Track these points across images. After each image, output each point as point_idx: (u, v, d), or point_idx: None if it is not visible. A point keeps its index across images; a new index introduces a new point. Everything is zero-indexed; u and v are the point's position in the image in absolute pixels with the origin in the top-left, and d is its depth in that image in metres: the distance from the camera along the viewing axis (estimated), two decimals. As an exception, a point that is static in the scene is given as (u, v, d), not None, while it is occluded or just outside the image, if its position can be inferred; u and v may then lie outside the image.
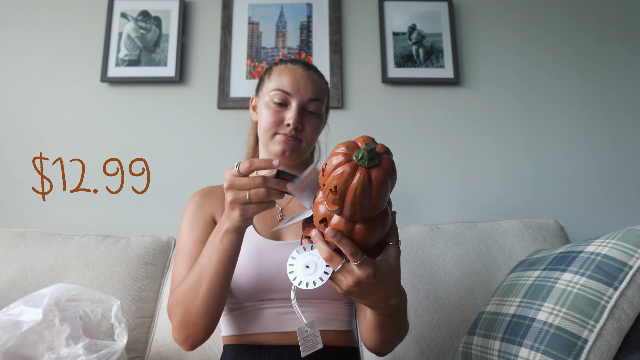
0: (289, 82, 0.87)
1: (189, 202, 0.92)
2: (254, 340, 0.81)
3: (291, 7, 1.71)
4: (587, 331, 0.73)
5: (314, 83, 0.89)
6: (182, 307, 0.73)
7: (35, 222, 1.50)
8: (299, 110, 0.86)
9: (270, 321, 0.81)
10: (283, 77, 0.88)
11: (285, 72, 0.88)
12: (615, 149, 1.63)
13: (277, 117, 0.86)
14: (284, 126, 0.86)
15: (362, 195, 0.52)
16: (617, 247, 0.77)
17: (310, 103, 0.88)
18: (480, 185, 1.58)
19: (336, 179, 0.52)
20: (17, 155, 1.56)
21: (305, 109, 0.88)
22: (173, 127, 1.60)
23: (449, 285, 1.20)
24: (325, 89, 0.92)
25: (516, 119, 1.64)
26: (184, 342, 0.75)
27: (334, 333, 0.83)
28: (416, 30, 1.70)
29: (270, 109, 0.87)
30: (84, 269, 1.22)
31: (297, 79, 0.87)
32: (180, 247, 0.85)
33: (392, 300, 0.62)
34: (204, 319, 0.72)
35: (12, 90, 1.62)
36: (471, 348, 0.93)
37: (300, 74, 0.88)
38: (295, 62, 0.92)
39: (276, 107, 0.86)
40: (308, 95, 0.87)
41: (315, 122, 0.89)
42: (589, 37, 1.72)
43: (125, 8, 1.68)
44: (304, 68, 0.90)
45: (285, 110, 0.86)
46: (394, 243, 0.61)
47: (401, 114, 1.64)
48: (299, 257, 0.61)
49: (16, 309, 0.84)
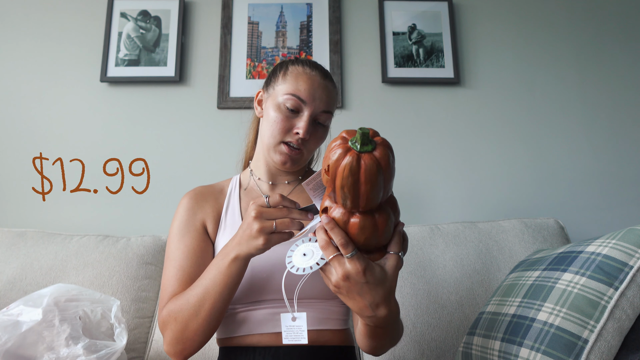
0: (306, 89, 0.84)
1: (180, 205, 0.91)
2: (249, 341, 0.81)
3: (291, 7, 1.71)
4: (588, 331, 0.73)
5: (329, 95, 0.87)
6: (180, 324, 0.74)
7: (35, 222, 1.50)
8: (311, 120, 0.84)
9: (265, 322, 0.81)
10: (300, 83, 0.84)
11: (302, 78, 0.85)
12: (615, 149, 1.62)
13: (287, 124, 0.84)
14: (292, 134, 0.85)
15: (349, 177, 0.52)
16: (618, 247, 0.77)
17: (322, 115, 0.86)
18: (480, 185, 1.58)
19: (329, 158, 0.54)
20: (17, 155, 1.56)
21: (316, 119, 0.86)
22: (173, 127, 1.60)
23: (449, 285, 1.20)
24: (336, 100, 0.91)
25: (516, 119, 1.64)
26: (178, 355, 0.76)
27: (331, 332, 0.83)
28: (416, 30, 1.70)
29: (281, 113, 0.84)
30: (83, 269, 1.22)
31: (315, 87, 0.85)
32: (169, 254, 0.85)
33: (381, 310, 0.60)
34: (202, 335, 0.74)
35: (12, 90, 1.61)
36: (471, 348, 0.93)
37: (317, 82, 0.85)
38: (314, 67, 0.88)
39: (288, 112, 0.84)
40: (322, 107, 0.85)
41: (321, 134, 0.88)
42: (588, 37, 1.72)
43: (125, 8, 1.68)
44: (321, 76, 0.87)
45: (296, 118, 0.84)
46: (395, 253, 0.60)
47: (401, 114, 1.64)
48: (302, 245, 0.63)
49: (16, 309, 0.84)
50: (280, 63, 0.93)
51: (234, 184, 0.95)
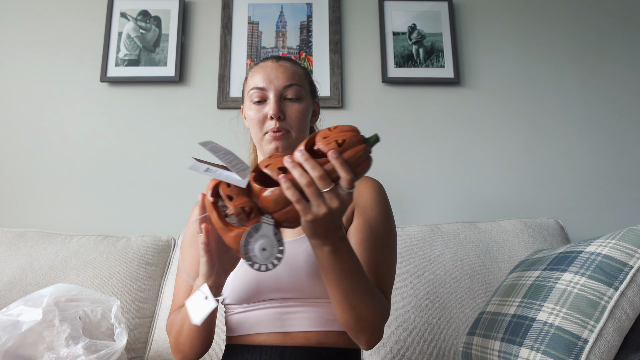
0: (261, 77, 0.87)
1: (191, 215, 0.95)
2: (255, 340, 0.81)
3: (291, 7, 1.71)
4: (588, 331, 0.73)
5: (286, 70, 0.88)
6: (172, 337, 0.80)
7: (35, 222, 1.50)
8: (277, 100, 0.86)
9: (270, 321, 0.81)
10: (256, 76, 0.88)
11: (256, 71, 0.89)
12: (615, 149, 1.62)
13: (260, 115, 0.86)
14: (268, 121, 0.86)
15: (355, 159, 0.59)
16: (618, 247, 0.77)
17: (287, 90, 0.87)
18: (480, 185, 1.58)
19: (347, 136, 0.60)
20: (17, 155, 1.56)
21: (284, 96, 0.87)
22: (173, 127, 1.60)
23: (449, 285, 1.20)
24: (301, 74, 0.91)
25: (516, 119, 1.64)
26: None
27: (336, 334, 0.83)
28: (416, 30, 1.70)
29: (252, 110, 0.87)
30: (83, 269, 1.22)
31: (268, 72, 0.87)
32: (180, 263, 0.87)
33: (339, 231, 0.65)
34: (194, 347, 0.78)
35: (12, 90, 1.61)
36: (471, 348, 0.93)
37: (270, 66, 0.88)
38: (266, 58, 0.92)
39: (257, 105, 0.87)
40: (282, 83, 0.86)
41: (297, 107, 0.87)
42: (588, 37, 1.72)
43: (125, 8, 1.68)
44: (273, 60, 0.90)
45: (265, 106, 0.87)
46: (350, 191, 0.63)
47: (401, 114, 1.64)
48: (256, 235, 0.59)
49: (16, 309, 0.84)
50: None
51: None
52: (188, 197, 1.49)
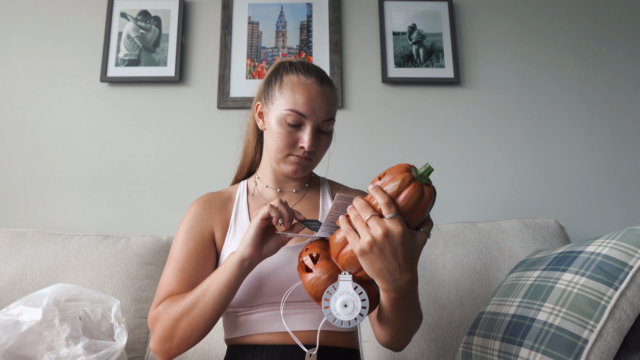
0: (304, 102, 0.83)
1: (188, 210, 0.91)
2: (257, 340, 0.82)
3: (291, 7, 1.71)
4: (588, 331, 0.73)
5: (328, 102, 0.86)
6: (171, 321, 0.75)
7: (35, 222, 1.50)
8: (313, 132, 0.84)
9: (272, 322, 0.81)
10: (297, 96, 0.83)
11: (299, 89, 0.83)
12: (615, 149, 1.62)
13: (291, 139, 0.84)
14: (297, 148, 0.85)
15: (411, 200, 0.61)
16: (618, 247, 0.77)
17: (324, 123, 0.86)
18: (480, 185, 1.58)
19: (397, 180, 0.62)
20: (17, 155, 1.56)
21: (319, 129, 0.86)
22: (173, 127, 1.60)
23: (449, 285, 1.20)
24: (336, 103, 0.90)
25: (516, 119, 1.64)
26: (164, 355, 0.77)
27: (338, 334, 0.84)
28: (416, 30, 1.70)
29: (283, 129, 0.84)
30: (83, 269, 1.22)
31: (312, 98, 0.83)
32: (172, 256, 0.86)
33: (406, 274, 0.62)
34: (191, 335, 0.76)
35: (12, 89, 1.61)
36: (471, 348, 0.93)
37: (315, 91, 0.84)
38: (308, 72, 0.86)
39: (290, 128, 0.84)
40: (322, 117, 0.84)
41: (326, 141, 0.88)
42: (588, 37, 1.72)
43: (125, 8, 1.68)
44: (318, 82, 0.85)
45: (298, 132, 0.84)
46: (425, 231, 0.63)
47: (401, 114, 1.64)
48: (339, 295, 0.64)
49: (16, 309, 0.84)
50: (274, 70, 0.90)
51: (241, 190, 0.96)
52: (188, 197, 1.49)
